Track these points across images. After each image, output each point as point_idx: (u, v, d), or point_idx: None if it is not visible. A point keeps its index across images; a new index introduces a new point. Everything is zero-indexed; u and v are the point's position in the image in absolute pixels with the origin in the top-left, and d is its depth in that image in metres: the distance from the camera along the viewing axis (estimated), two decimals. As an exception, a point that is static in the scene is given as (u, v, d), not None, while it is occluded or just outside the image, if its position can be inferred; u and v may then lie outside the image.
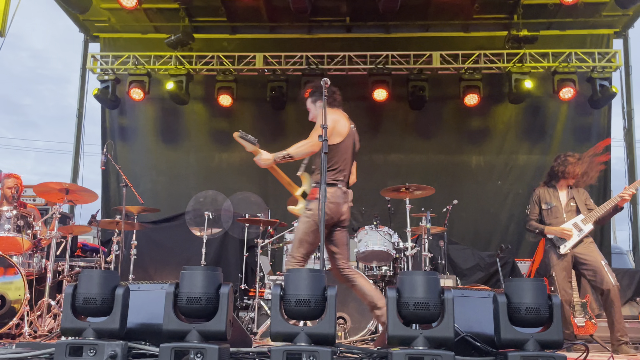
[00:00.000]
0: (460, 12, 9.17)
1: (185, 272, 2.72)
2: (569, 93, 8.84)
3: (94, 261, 6.43)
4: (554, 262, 5.21)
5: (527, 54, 8.98)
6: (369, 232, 6.01)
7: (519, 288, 2.71)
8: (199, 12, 9.31)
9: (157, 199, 9.15)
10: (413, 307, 2.63)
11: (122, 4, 8.07)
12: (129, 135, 9.88)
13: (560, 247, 5.18)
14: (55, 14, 42.34)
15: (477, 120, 9.59)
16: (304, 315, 2.70)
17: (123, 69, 9.39)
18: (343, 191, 4.26)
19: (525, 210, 5.63)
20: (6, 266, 4.94)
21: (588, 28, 9.36)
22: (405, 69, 9.25)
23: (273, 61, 9.29)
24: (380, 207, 7.68)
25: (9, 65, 59.82)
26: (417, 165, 9.51)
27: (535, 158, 9.33)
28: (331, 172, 4.17)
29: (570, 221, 5.24)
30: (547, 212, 5.40)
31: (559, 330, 2.66)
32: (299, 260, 4.15)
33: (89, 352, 2.58)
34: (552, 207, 5.37)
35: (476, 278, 7.89)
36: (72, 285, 2.79)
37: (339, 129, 4.25)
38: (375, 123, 9.68)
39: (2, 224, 5.25)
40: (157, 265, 8.12)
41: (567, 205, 5.34)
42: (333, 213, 4.17)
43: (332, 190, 4.13)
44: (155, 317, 2.85)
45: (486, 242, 9.08)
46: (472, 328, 2.93)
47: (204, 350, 2.52)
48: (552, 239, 5.28)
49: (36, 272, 5.50)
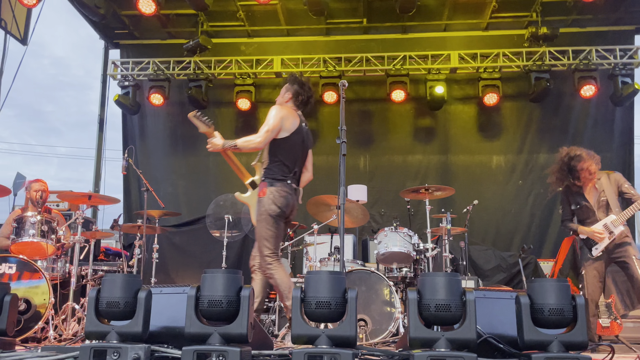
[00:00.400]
0: (479, 10, 9.11)
1: (206, 275, 2.74)
2: (590, 91, 8.73)
3: (116, 265, 6.51)
4: (586, 261, 5.10)
5: (546, 51, 8.88)
6: (389, 233, 5.98)
7: (542, 288, 2.67)
8: (216, 17, 9.38)
9: (177, 202, 9.24)
10: (434, 309, 2.61)
11: (142, 10, 8.16)
12: (149, 140, 9.99)
13: (592, 249, 5.07)
14: (77, 22, 43.18)
15: (496, 120, 9.51)
16: (324, 317, 2.69)
17: (143, 74, 9.50)
18: (293, 187, 4.38)
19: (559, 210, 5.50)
20: (31, 271, 5.02)
21: (609, 24, 9.23)
22: (423, 69, 9.21)
23: (291, 64, 9.32)
24: (400, 209, 7.65)
25: (31, 73, 60.87)
26: (436, 166, 9.47)
27: (556, 157, 9.19)
28: (276, 167, 4.32)
29: (602, 222, 5.07)
30: (578, 212, 5.24)
31: (584, 331, 2.61)
32: (274, 257, 4.23)
33: (113, 355, 2.60)
34: (582, 205, 5.21)
35: (498, 279, 7.81)
36: (96, 289, 2.81)
37: (286, 125, 4.38)
38: (393, 124, 9.67)
39: (26, 229, 5.33)
40: (179, 268, 8.19)
41: (598, 201, 5.15)
42: (285, 207, 4.27)
43: (281, 185, 4.27)
44: (177, 320, 2.86)
45: (508, 242, 9.00)
46: (494, 329, 2.90)
47: (225, 353, 2.52)
48: (585, 238, 5.16)
49: (60, 276, 5.58)
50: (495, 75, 9.04)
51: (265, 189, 4.29)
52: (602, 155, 9.09)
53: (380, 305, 5.25)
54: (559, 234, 8.71)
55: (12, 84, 7.58)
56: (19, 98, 58.46)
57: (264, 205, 4.24)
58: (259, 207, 4.29)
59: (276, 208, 4.21)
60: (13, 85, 7.60)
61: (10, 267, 5.00)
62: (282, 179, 4.31)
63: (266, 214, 4.22)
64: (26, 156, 78.45)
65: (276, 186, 4.27)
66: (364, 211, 6.19)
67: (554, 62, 8.91)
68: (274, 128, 4.28)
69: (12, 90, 7.60)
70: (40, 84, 70.61)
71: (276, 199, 4.23)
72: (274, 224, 4.21)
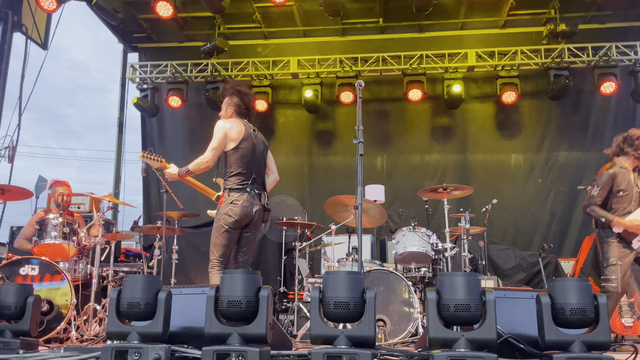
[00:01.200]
0: (496, 8, 9.04)
1: (225, 276, 2.76)
2: (610, 87, 8.62)
3: (137, 266, 6.57)
4: (619, 254, 4.77)
5: (565, 48, 8.78)
6: (407, 233, 5.96)
7: (564, 288, 2.65)
8: (233, 19, 9.43)
9: (196, 204, 9.28)
10: (454, 309, 2.60)
11: (159, 14, 8.23)
12: (168, 141, 10.07)
13: (632, 241, 4.77)
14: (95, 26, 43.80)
15: (515, 118, 9.43)
16: (343, 317, 2.69)
17: (161, 77, 9.59)
18: (251, 195, 4.38)
19: (588, 189, 5.08)
20: (53, 272, 5.09)
21: (629, 20, 9.09)
22: (440, 68, 9.16)
23: (307, 65, 9.33)
24: (418, 208, 7.61)
25: (51, 77, 61.70)
26: (454, 165, 9.41)
27: (576, 155, 9.12)
28: (233, 178, 4.37)
29: (638, 211, 4.79)
30: (618, 199, 4.87)
31: (606, 331, 2.58)
32: (218, 263, 4.26)
33: (134, 355, 2.63)
34: (626, 194, 4.85)
35: (518, 279, 7.74)
36: (117, 290, 2.85)
37: (231, 134, 4.42)
38: (410, 123, 9.64)
39: (48, 231, 5.41)
40: (198, 269, 8.23)
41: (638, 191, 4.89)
42: (239, 216, 4.29)
43: (237, 195, 4.32)
44: (197, 321, 2.89)
45: (527, 241, 8.92)
46: (514, 330, 2.88)
47: (245, 353, 2.54)
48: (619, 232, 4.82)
49: (82, 277, 5.65)
50: (513, 73, 8.96)
51: (221, 199, 4.38)
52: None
53: (399, 306, 5.23)
54: (579, 233, 8.61)
55: (33, 89, 7.70)
56: (38, 101, 59.30)
57: (219, 214, 4.32)
58: (216, 215, 4.38)
59: (229, 218, 4.27)
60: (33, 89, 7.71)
61: (33, 269, 5.07)
62: (239, 188, 4.36)
63: (218, 223, 4.30)
64: (47, 159, 79.51)
65: (232, 196, 4.34)
66: (381, 211, 6.17)
67: (573, 59, 8.81)
68: (219, 144, 4.37)
69: (32, 93, 7.71)
70: (60, 87, 71.56)
71: (230, 209, 4.29)
72: (224, 233, 4.27)
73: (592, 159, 9.02)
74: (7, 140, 5.92)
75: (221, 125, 4.46)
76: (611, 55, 8.71)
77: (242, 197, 4.33)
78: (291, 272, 7.45)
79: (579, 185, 7.32)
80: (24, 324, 3.26)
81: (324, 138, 9.66)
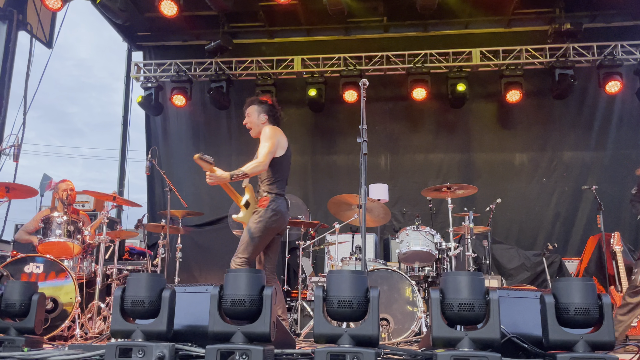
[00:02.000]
0: (500, 7, 9.01)
1: (229, 274, 2.76)
2: (615, 87, 8.59)
3: (141, 264, 6.59)
4: None
5: (570, 47, 8.76)
6: (411, 232, 5.95)
7: (568, 288, 2.64)
8: (237, 18, 9.43)
9: (200, 202, 9.31)
10: (457, 308, 2.59)
11: (164, 13, 8.24)
12: (172, 140, 10.09)
13: None
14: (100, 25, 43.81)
15: (519, 117, 9.41)
16: (346, 316, 2.69)
17: (165, 76, 9.60)
18: (288, 202, 4.51)
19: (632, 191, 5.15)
20: (58, 270, 5.11)
21: (635, 19, 9.06)
22: (445, 67, 9.15)
23: (311, 64, 9.33)
24: (422, 208, 7.60)
25: (55, 75, 61.85)
26: (458, 164, 9.40)
27: (581, 155, 9.10)
28: (278, 184, 4.43)
29: None
30: None
31: (611, 331, 2.57)
32: (241, 262, 4.27)
33: (138, 353, 2.64)
34: None
35: (522, 278, 7.73)
36: (121, 288, 2.85)
37: (282, 142, 4.49)
38: (414, 122, 9.63)
39: (53, 229, 5.43)
40: (202, 267, 8.25)
41: None
42: (283, 221, 4.40)
43: (281, 201, 4.39)
44: (201, 319, 2.89)
45: (531, 241, 8.90)
46: (518, 329, 2.87)
47: (248, 352, 2.54)
48: None
49: (86, 275, 5.67)
50: (517, 72, 8.94)
51: (267, 202, 4.36)
52: (627, 153, 9.02)
53: (403, 305, 5.23)
54: (584, 232, 8.59)
55: (38, 87, 7.72)
56: (42, 99, 59.50)
57: (264, 217, 4.29)
58: (256, 215, 4.33)
59: (274, 223, 4.30)
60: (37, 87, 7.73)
61: (38, 267, 5.09)
62: (282, 194, 4.44)
63: (261, 224, 4.27)
64: (52, 157, 79.78)
65: (277, 202, 4.37)
66: (385, 210, 6.17)
67: (578, 58, 8.79)
68: (275, 149, 4.40)
69: (37, 92, 7.73)
70: (64, 85, 71.81)
71: (277, 213, 4.32)
72: (265, 235, 4.28)
73: (596, 159, 9.00)
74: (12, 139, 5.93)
75: (273, 131, 4.46)
76: (616, 54, 8.68)
77: (284, 203, 4.42)
78: (295, 271, 7.45)
79: (583, 184, 7.32)
80: (28, 322, 3.27)
81: (327, 137, 9.66)
